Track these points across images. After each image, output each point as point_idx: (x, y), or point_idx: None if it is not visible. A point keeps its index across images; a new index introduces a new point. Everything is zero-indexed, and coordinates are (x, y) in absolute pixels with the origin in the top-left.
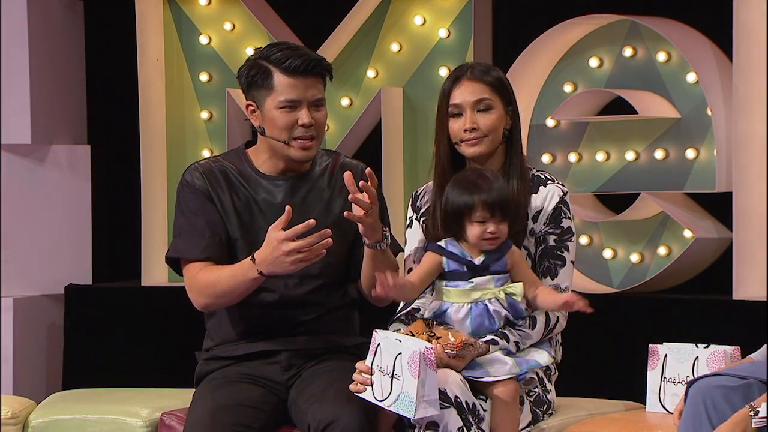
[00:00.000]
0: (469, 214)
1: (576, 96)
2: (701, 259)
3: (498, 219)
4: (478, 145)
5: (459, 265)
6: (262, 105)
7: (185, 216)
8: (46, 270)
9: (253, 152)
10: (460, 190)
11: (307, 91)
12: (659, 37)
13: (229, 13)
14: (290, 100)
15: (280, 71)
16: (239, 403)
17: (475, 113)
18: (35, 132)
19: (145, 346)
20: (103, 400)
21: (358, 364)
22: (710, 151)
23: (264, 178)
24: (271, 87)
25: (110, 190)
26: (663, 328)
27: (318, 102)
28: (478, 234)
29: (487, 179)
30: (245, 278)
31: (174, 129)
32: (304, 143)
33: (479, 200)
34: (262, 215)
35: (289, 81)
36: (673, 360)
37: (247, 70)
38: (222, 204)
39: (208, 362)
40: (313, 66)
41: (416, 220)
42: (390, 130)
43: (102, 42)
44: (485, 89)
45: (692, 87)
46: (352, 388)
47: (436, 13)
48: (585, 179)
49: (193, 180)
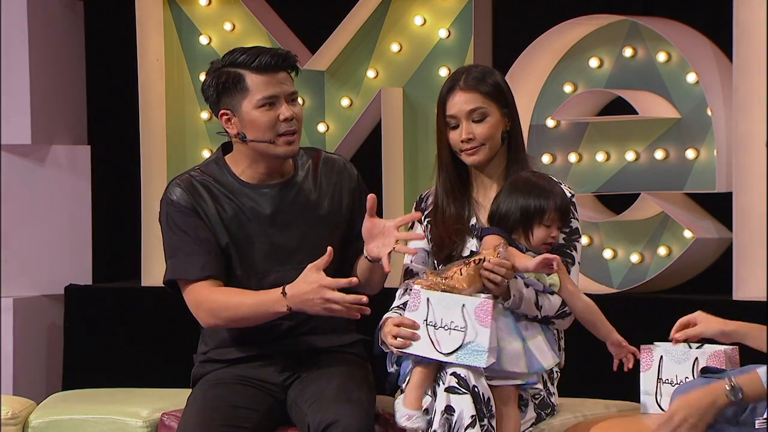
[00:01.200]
0: (540, 218)
1: (576, 96)
2: (701, 259)
3: (560, 225)
4: (476, 154)
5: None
6: (239, 110)
7: (176, 235)
8: (46, 270)
9: (231, 160)
10: (531, 194)
11: (282, 86)
12: (659, 37)
13: (229, 13)
14: (268, 97)
15: (250, 71)
16: (231, 404)
17: (470, 123)
18: (35, 132)
19: (146, 346)
20: (103, 401)
21: (399, 319)
22: (710, 151)
23: (248, 187)
24: (245, 89)
25: (110, 191)
26: (663, 328)
27: (293, 96)
28: (543, 237)
29: (554, 185)
30: (270, 310)
31: (174, 129)
32: (289, 137)
33: (553, 205)
34: (251, 224)
35: (263, 78)
36: (670, 361)
37: (214, 80)
38: (209, 217)
39: (204, 364)
40: (282, 60)
41: (419, 222)
42: (390, 131)
43: (102, 42)
44: (478, 98)
45: (692, 87)
46: (396, 344)
47: (436, 14)
48: (585, 179)
49: (177, 198)
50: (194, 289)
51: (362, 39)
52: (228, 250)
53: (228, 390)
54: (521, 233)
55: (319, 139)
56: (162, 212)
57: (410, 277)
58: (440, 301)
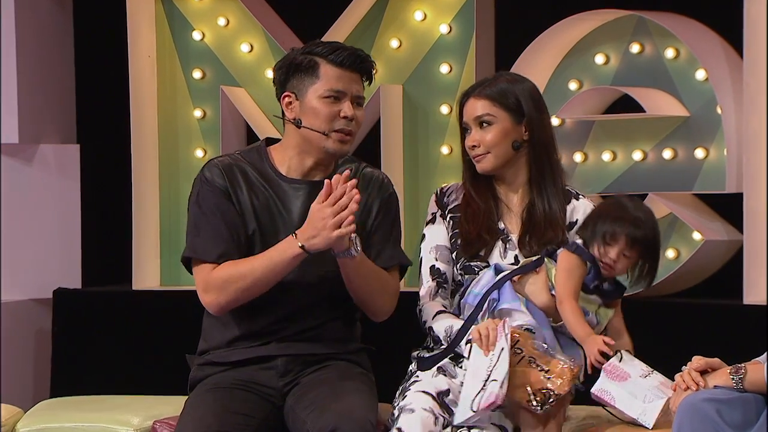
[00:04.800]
0: (624, 248)
1: (581, 94)
2: (711, 262)
3: (623, 251)
4: (482, 161)
5: (591, 279)
6: (304, 95)
7: (204, 214)
8: (33, 273)
9: (275, 150)
10: (627, 221)
11: (352, 85)
12: (667, 32)
13: (223, 7)
14: (336, 90)
15: (327, 62)
16: (228, 410)
17: (479, 130)
18: (22, 131)
19: (137, 352)
20: (93, 408)
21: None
22: (720, 150)
23: (284, 180)
24: (317, 76)
25: (100, 191)
26: (671, 334)
27: (360, 99)
28: (622, 268)
29: (653, 217)
30: (284, 256)
31: (166, 128)
32: (344, 136)
33: (635, 233)
34: (281, 218)
35: (336, 72)
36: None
37: (289, 60)
38: (240, 203)
39: (202, 368)
40: (360, 61)
41: (441, 216)
42: (389, 129)
43: (92, 38)
44: (485, 104)
45: (701, 84)
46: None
47: (437, 8)
48: (591, 180)
49: (213, 177)
50: (204, 268)
51: (360, 35)
52: (253, 239)
53: (227, 395)
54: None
55: None
56: (194, 190)
57: (438, 276)
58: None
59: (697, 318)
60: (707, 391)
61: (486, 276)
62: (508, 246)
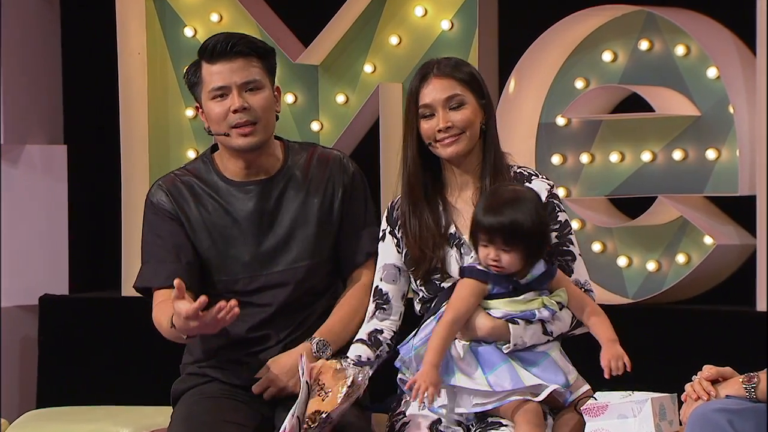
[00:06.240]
0: (475, 234)
1: (588, 92)
2: (722, 267)
3: (499, 246)
4: (456, 143)
5: (504, 286)
6: (202, 102)
7: (151, 239)
8: (18, 279)
9: (218, 157)
10: (482, 219)
11: (232, 75)
12: (677, 29)
13: (216, 3)
14: (216, 88)
15: (204, 61)
16: (222, 419)
17: (447, 111)
18: (8, 131)
19: (126, 360)
20: (81, 419)
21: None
22: (732, 151)
23: (233, 185)
24: (201, 80)
25: (88, 194)
26: (681, 341)
27: (250, 84)
28: (482, 257)
29: (510, 201)
30: (179, 336)
31: (156, 128)
32: (243, 130)
33: (486, 222)
34: (236, 225)
35: (211, 69)
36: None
37: (186, 71)
38: (191, 220)
39: (185, 379)
40: (231, 46)
41: (390, 233)
42: (388, 129)
43: (79, 35)
44: (455, 85)
45: (713, 83)
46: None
47: (438, 4)
48: (598, 182)
49: (158, 201)
50: (157, 296)
51: (359, 31)
52: (209, 254)
53: (216, 404)
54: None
55: (313, 138)
56: (144, 213)
57: (379, 297)
58: None
59: (708, 325)
60: (719, 401)
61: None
62: (462, 250)
